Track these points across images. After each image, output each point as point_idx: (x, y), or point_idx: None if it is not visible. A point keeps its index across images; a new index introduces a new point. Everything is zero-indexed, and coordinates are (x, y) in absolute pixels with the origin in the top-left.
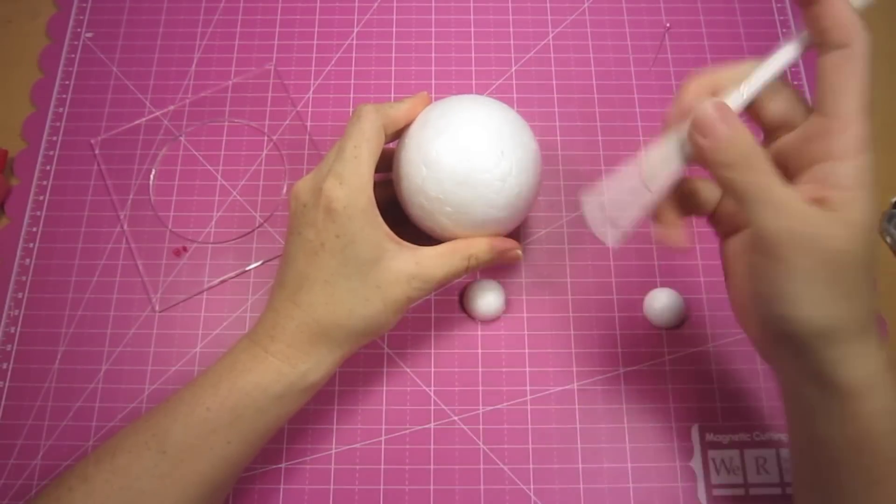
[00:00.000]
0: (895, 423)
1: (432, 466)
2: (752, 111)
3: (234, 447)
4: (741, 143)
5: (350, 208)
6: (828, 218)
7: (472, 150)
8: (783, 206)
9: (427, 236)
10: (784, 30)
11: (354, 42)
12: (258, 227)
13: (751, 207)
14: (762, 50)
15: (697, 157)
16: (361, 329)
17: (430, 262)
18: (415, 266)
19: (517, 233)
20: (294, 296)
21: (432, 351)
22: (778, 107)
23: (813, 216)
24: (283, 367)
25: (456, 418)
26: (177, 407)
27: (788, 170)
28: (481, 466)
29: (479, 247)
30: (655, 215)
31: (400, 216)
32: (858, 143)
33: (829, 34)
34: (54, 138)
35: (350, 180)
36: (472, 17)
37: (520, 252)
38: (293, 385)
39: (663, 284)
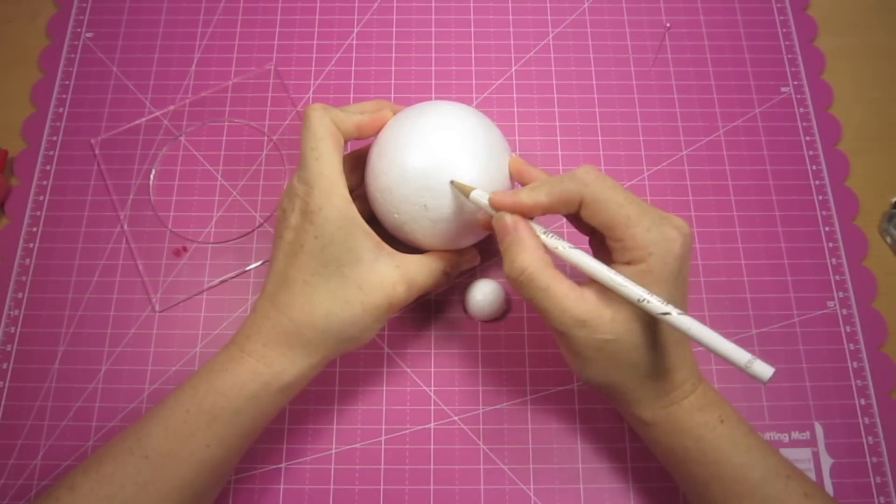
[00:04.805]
0: (696, 437)
1: (432, 466)
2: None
3: (214, 451)
4: (516, 260)
5: (325, 209)
6: (600, 314)
7: (438, 159)
8: (553, 314)
9: (404, 245)
10: (784, 30)
11: (354, 42)
12: (258, 227)
13: (538, 310)
14: (762, 50)
15: None
16: (337, 332)
17: (413, 269)
18: (396, 270)
19: None
20: (273, 297)
21: (432, 351)
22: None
23: (582, 318)
24: (257, 367)
25: (456, 418)
26: (160, 411)
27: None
28: (481, 466)
29: (456, 259)
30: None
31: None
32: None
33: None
34: (54, 138)
35: (318, 183)
36: (472, 17)
37: (477, 256)
38: (267, 385)
39: None
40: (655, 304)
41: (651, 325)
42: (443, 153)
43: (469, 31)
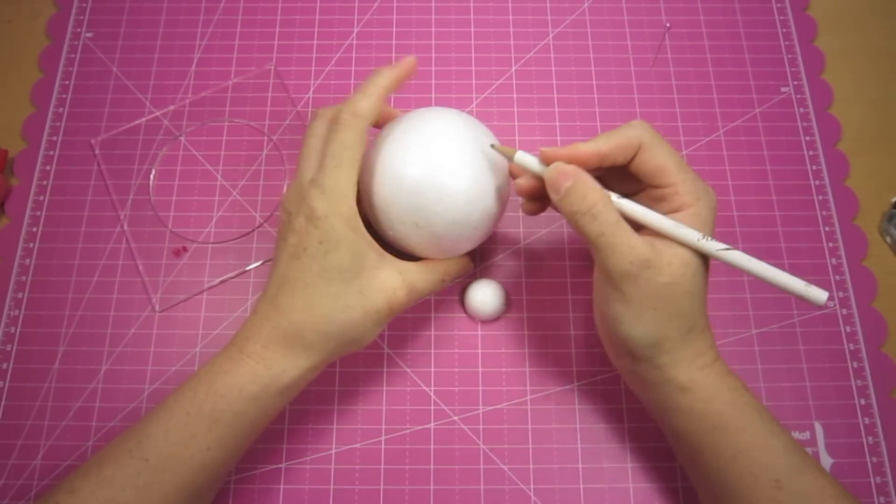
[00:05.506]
0: (729, 401)
1: (432, 466)
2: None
3: (214, 453)
4: (587, 196)
5: (332, 217)
6: (658, 257)
7: (434, 165)
8: (622, 250)
9: (399, 252)
10: (784, 30)
11: (354, 42)
12: (258, 227)
13: (596, 249)
14: (762, 50)
15: (558, 209)
16: (337, 335)
17: (414, 275)
18: (398, 276)
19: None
20: (274, 299)
21: (432, 351)
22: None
23: (647, 257)
24: (257, 369)
25: (456, 418)
26: (159, 413)
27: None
28: (481, 466)
29: (452, 268)
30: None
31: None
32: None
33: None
34: (54, 138)
35: (331, 190)
36: (472, 17)
37: (471, 263)
38: (267, 387)
39: None
40: (712, 242)
41: (699, 273)
42: (431, 173)
43: (469, 31)
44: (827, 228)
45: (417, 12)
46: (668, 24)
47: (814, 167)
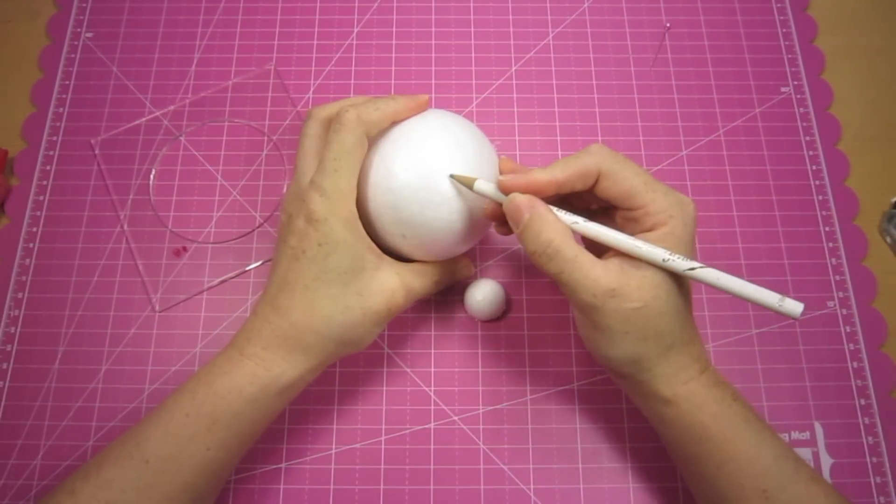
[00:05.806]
0: (714, 413)
1: (432, 466)
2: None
3: (213, 454)
4: (542, 234)
5: (332, 219)
6: (626, 282)
7: (418, 174)
8: (585, 284)
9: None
10: (784, 30)
11: (354, 42)
12: (258, 227)
13: (559, 285)
14: (762, 50)
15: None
16: (337, 336)
17: (412, 277)
18: (396, 277)
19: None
20: (273, 300)
21: (432, 351)
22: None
23: (611, 287)
24: (256, 370)
25: (456, 418)
26: (159, 414)
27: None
28: (481, 466)
29: (450, 270)
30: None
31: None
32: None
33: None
34: (54, 138)
35: (330, 192)
36: (472, 17)
37: (471, 267)
38: (266, 388)
39: None
40: (679, 261)
41: (673, 292)
42: (415, 181)
43: (469, 31)
44: (827, 228)
45: (417, 12)
46: (668, 24)
47: (814, 167)
